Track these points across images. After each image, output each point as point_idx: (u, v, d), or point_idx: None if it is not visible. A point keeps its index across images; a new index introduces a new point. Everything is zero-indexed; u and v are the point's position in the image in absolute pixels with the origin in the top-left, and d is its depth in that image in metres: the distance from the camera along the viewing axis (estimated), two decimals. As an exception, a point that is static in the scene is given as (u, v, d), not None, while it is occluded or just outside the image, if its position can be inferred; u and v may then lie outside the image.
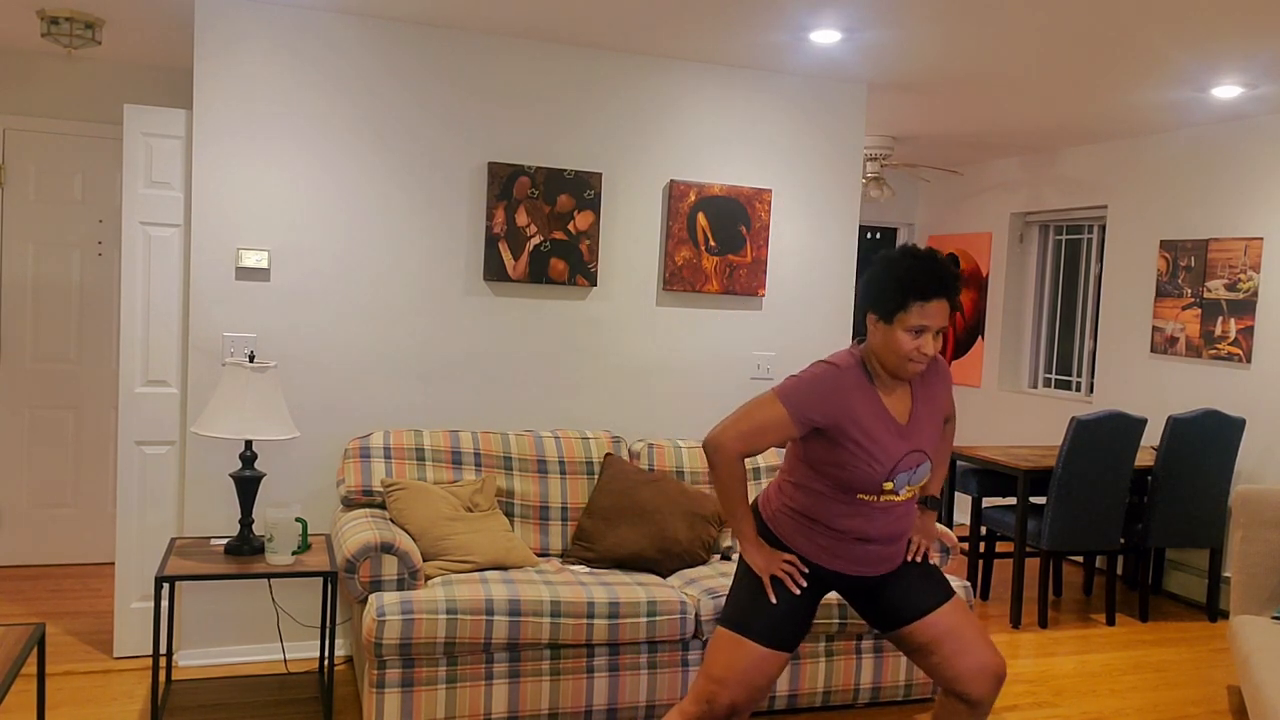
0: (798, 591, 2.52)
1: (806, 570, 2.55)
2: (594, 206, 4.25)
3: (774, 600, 2.52)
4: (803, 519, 2.54)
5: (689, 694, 2.55)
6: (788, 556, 2.55)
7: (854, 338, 4.68)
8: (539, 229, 4.19)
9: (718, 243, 4.45)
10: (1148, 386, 5.72)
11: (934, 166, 6.70)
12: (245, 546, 3.43)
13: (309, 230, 3.95)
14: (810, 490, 2.53)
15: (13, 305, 4.97)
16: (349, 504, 3.77)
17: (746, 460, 3.42)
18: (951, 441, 2.83)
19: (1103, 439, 4.72)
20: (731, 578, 3.62)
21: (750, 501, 2.67)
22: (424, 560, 3.50)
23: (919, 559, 2.63)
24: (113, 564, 5.16)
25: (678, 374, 4.49)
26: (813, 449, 2.49)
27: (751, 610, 2.52)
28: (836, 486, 2.48)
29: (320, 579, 3.79)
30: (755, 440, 2.44)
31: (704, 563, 3.86)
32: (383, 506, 3.76)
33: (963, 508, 7.05)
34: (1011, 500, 6.34)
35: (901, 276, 2.39)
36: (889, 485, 2.46)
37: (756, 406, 2.45)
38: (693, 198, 4.39)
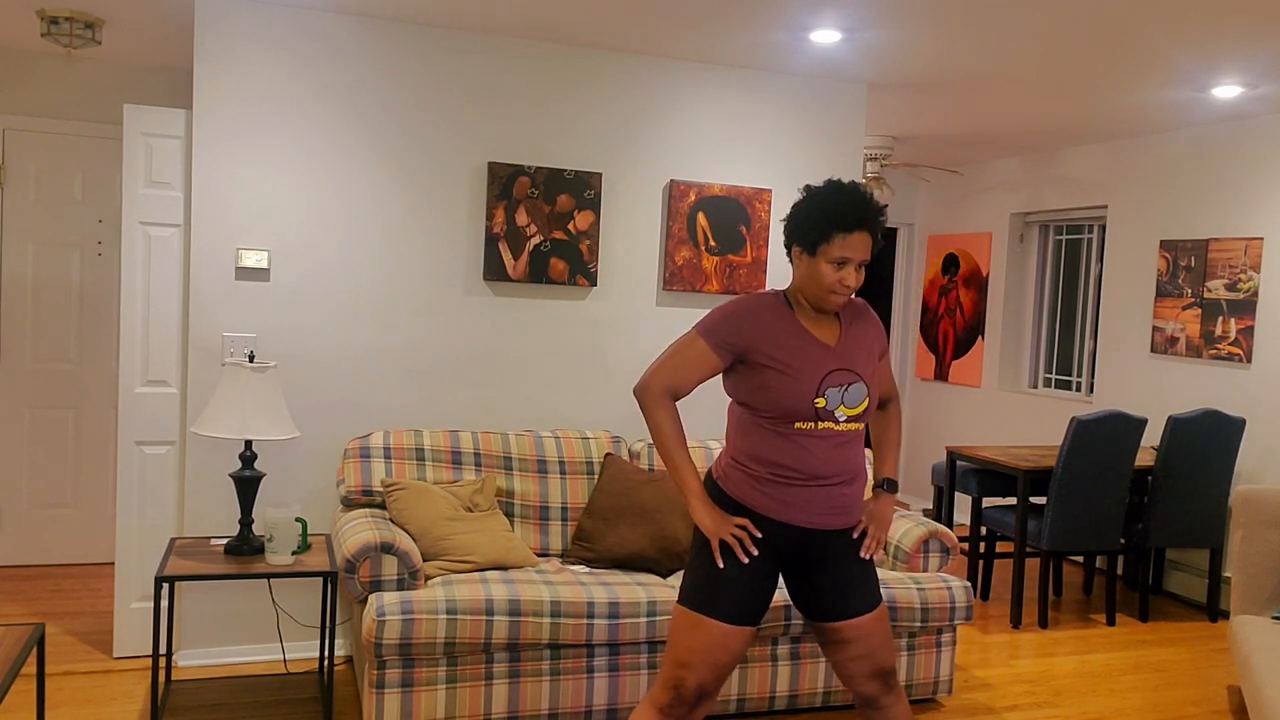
0: (745, 560, 2.46)
1: (759, 535, 2.49)
2: (594, 206, 4.25)
3: (720, 564, 2.48)
4: (750, 466, 2.49)
5: (657, 682, 2.53)
6: (739, 520, 2.49)
7: None
8: (539, 229, 4.19)
9: (718, 243, 4.45)
10: (1148, 386, 5.72)
11: (934, 166, 6.70)
12: (245, 546, 3.43)
13: (309, 230, 3.95)
14: (748, 429, 2.50)
15: (13, 305, 4.97)
16: (349, 504, 3.77)
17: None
18: (899, 422, 2.78)
19: (1103, 439, 4.72)
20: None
21: (696, 465, 2.66)
22: (424, 560, 3.50)
23: (868, 555, 2.59)
24: (113, 564, 5.16)
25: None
26: (739, 379, 2.50)
27: (709, 587, 2.48)
28: (770, 416, 2.45)
29: (320, 579, 3.79)
30: (679, 375, 2.50)
31: (704, 563, 3.86)
32: (383, 506, 3.76)
33: (963, 508, 7.05)
34: (1011, 500, 6.34)
35: (825, 208, 2.43)
36: (820, 402, 2.43)
37: (680, 344, 2.53)
38: (693, 198, 4.39)
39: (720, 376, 2.66)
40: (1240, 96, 4.69)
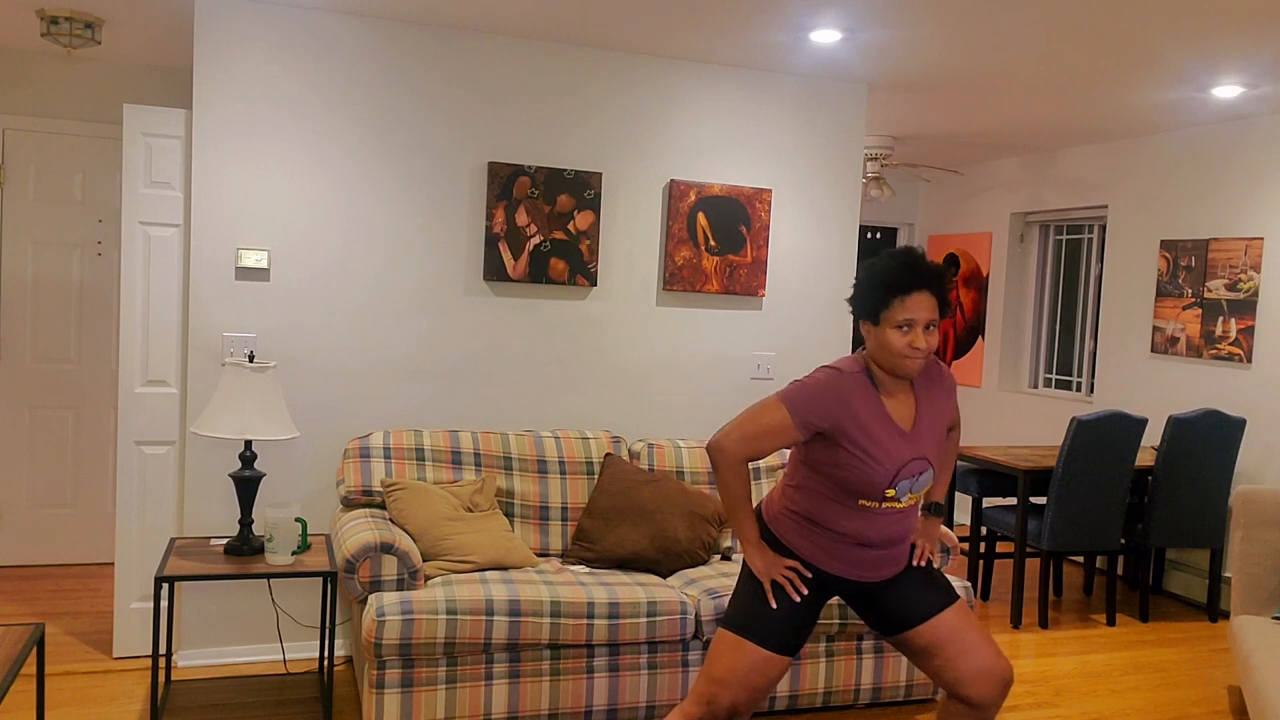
0: (797, 599, 2.52)
1: (809, 576, 2.55)
2: (594, 206, 4.25)
3: (774, 605, 2.53)
4: (803, 521, 2.55)
5: (690, 695, 2.56)
6: (789, 562, 2.55)
7: (855, 349, 4.67)
8: (539, 229, 4.19)
9: (718, 243, 4.45)
10: (1148, 386, 5.72)
11: (934, 166, 6.70)
12: (245, 546, 3.43)
13: (309, 230, 3.95)
14: (811, 493, 2.53)
15: (13, 305, 4.97)
16: (349, 504, 3.77)
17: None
18: (956, 448, 2.83)
19: (1103, 439, 4.72)
20: (731, 578, 3.62)
21: (754, 505, 2.67)
22: (424, 560, 3.50)
23: (922, 564, 2.64)
24: (113, 564, 5.16)
25: (678, 374, 4.49)
26: (815, 451, 2.50)
27: (754, 613, 2.53)
28: (838, 489, 2.48)
29: (320, 579, 3.79)
30: (759, 444, 2.46)
31: (704, 563, 3.86)
32: (383, 506, 3.76)
33: (963, 508, 7.05)
34: (1012, 500, 6.34)
35: (880, 276, 2.45)
36: (891, 492, 2.46)
37: (760, 410, 2.48)
38: (693, 198, 4.39)
39: (722, 372, 2.69)
40: (1240, 96, 4.69)
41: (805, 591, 2.53)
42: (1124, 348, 5.87)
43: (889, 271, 2.44)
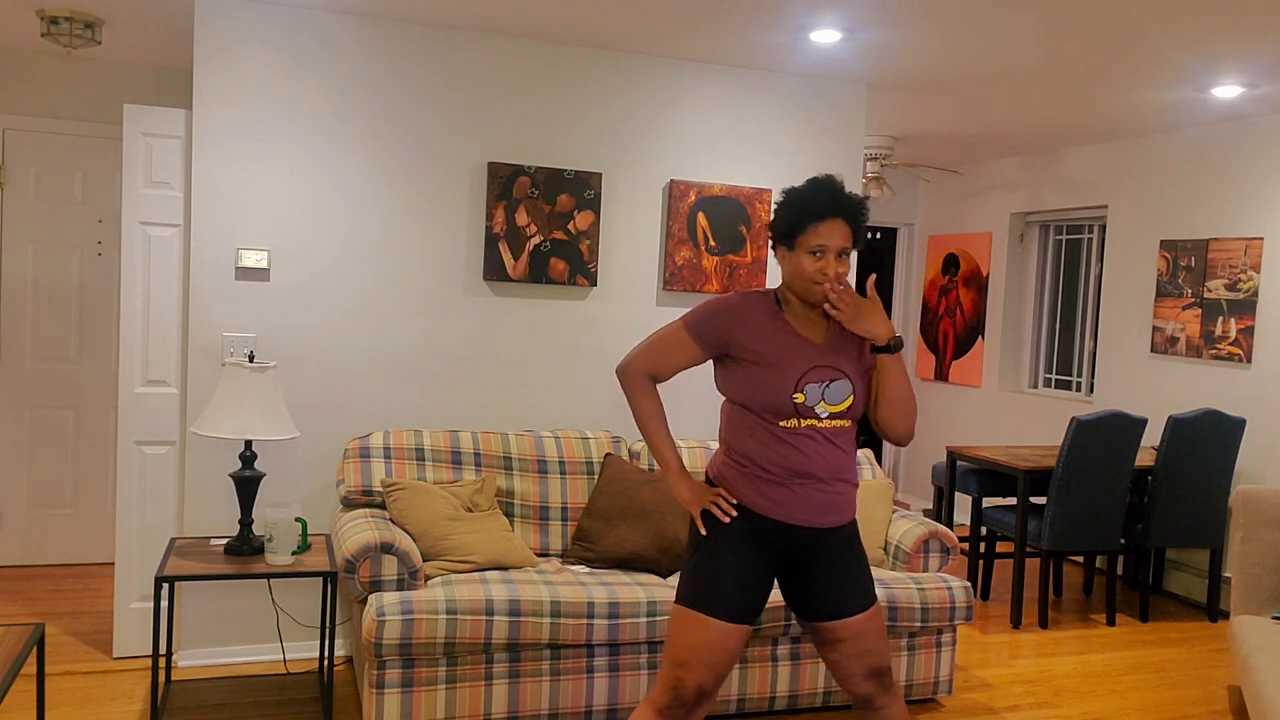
0: (726, 519, 2.50)
1: (735, 500, 2.53)
2: (594, 206, 4.25)
3: (703, 532, 2.52)
4: (740, 462, 2.53)
5: (656, 683, 2.54)
6: (716, 490, 2.54)
7: None
8: (539, 229, 4.19)
9: (718, 243, 4.45)
10: (1148, 386, 5.72)
11: (934, 166, 6.70)
12: (245, 546, 3.43)
13: (309, 230, 3.95)
14: (737, 427, 2.53)
15: (13, 305, 4.97)
16: (349, 504, 3.77)
17: None
18: (905, 374, 2.63)
19: (1103, 439, 4.72)
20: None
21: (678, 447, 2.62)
22: (424, 560, 3.50)
23: (832, 295, 2.46)
24: (113, 564, 5.16)
25: (677, 374, 4.48)
26: (725, 375, 2.55)
27: (706, 584, 2.50)
28: (752, 411, 2.49)
29: (320, 579, 3.79)
30: (660, 359, 2.58)
31: (704, 563, 3.86)
32: (383, 506, 3.76)
33: (963, 508, 7.05)
34: (1011, 500, 6.34)
35: (797, 201, 2.48)
36: (799, 398, 2.45)
37: (662, 330, 2.60)
38: (693, 198, 4.39)
39: (713, 375, 2.67)
40: (1240, 96, 4.69)
41: (734, 514, 2.51)
42: (1124, 348, 5.87)
43: (806, 197, 2.47)
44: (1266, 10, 3.42)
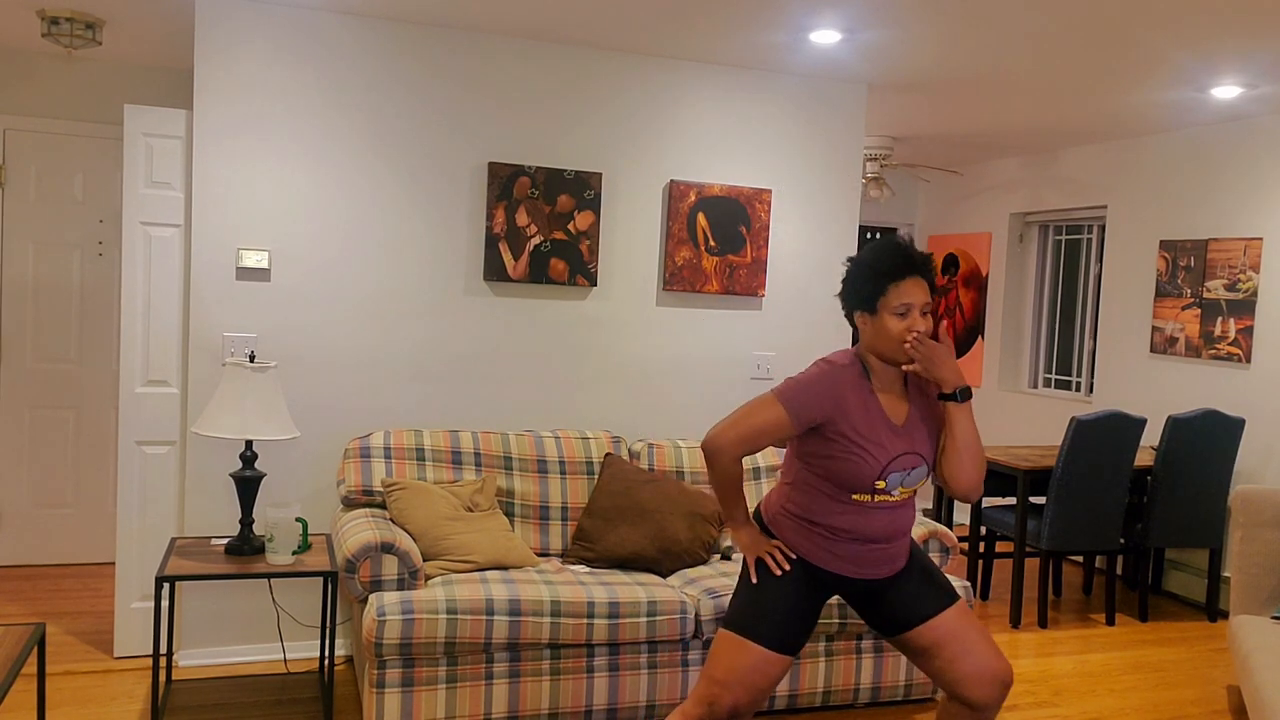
0: (779, 573, 2.52)
1: (794, 557, 2.56)
2: (594, 206, 4.25)
3: (754, 580, 2.54)
4: (801, 520, 2.55)
5: (691, 696, 2.56)
6: (775, 541, 2.57)
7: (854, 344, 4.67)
8: (539, 229, 4.19)
9: (718, 243, 4.45)
10: (1148, 386, 5.72)
11: (934, 166, 6.70)
12: (245, 546, 3.43)
13: (309, 230, 3.96)
14: (805, 488, 2.54)
15: (13, 305, 4.97)
16: (349, 504, 3.77)
17: (745, 459, 3.40)
18: (973, 424, 2.64)
19: (1103, 439, 4.72)
20: (731, 578, 3.63)
21: (752, 507, 2.66)
22: (424, 560, 3.50)
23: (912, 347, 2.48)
24: (113, 564, 5.16)
25: (678, 374, 4.49)
26: (807, 444, 2.52)
27: (755, 612, 2.53)
28: (830, 483, 2.49)
29: (320, 579, 3.79)
30: (754, 441, 2.49)
31: (704, 563, 3.87)
32: (383, 506, 3.76)
33: (963, 508, 7.05)
34: (1011, 500, 6.35)
35: (872, 265, 2.48)
36: (881, 484, 2.47)
37: (756, 408, 2.49)
38: (693, 198, 4.40)
39: (717, 378, 2.67)
40: (1240, 96, 4.69)
41: (788, 567, 2.53)
42: (1123, 348, 5.88)
43: (881, 260, 2.46)
44: (1266, 10, 3.42)
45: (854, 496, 2.49)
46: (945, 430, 2.51)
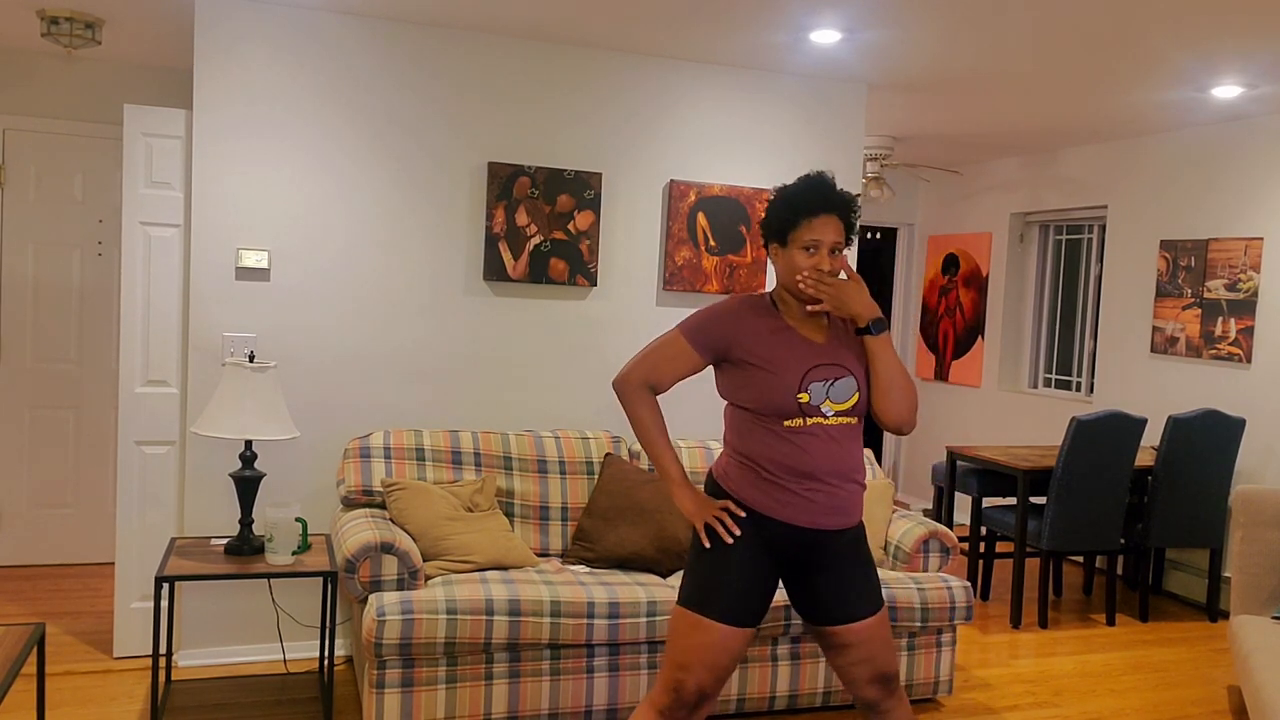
0: (729, 539, 2.47)
1: (743, 515, 2.49)
2: (594, 206, 4.25)
3: (707, 544, 2.49)
4: (746, 464, 2.51)
5: (656, 684, 2.52)
6: (721, 503, 2.51)
7: None
8: (539, 229, 4.19)
9: (718, 243, 4.45)
10: (1148, 386, 5.72)
11: (934, 166, 6.70)
12: (245, 546, 3.43)
13: (309, 230, 3.95)
14: (741, 427, 2.52)
15: (13, 305, 4.97)
16: (349, 504, 3.77)
17: None
18: (894, 357, 2.58)
19: (1103, 439, 4.72)
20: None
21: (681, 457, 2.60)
22: (424, 560, 3.50)
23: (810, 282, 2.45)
24: (113, 564, 5.16)
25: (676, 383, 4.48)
26: (727, 379, 2.53)
27: (709, 587, 2.47)
28: (759, 413, 2.47)
29: (320, 579, 3.79)
30: (658, 369, 2.54)
31: (704, 563, 3.86)
32: (383, 506, 3.76)
33: (963, 508, 7.05)
34: (1011, 500, 6.34)
35: (789, 197, 2.48)
36: (804, 397, 2.43)
37: (659, 341, 2.57)
38: (693, 198, 4.40)
39: (713, 378, 2.66)
40: (1240, 96, 4.69)
41: (738, 532, 2.48)
42: (1124, 348, 5.87)
43: (798, 193, 2.47)
44: (1266, 10, 3.42)
45: (786, 423, 2.45)
46: (870, 366, 2.49)
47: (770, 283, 4.59)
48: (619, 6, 3.68)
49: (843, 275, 2.47)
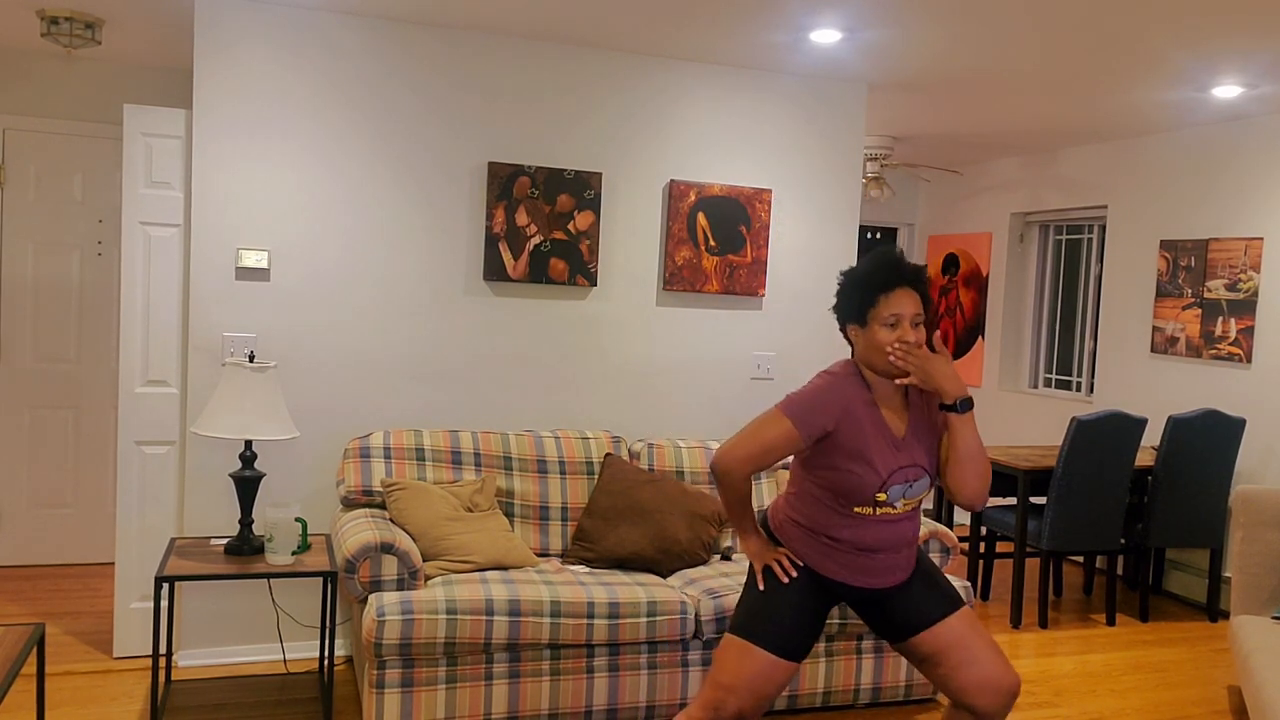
0: (786, 580, 2.53)
1: (801, 565, 2.57)
2: (594, 206, 4.25)
3: (761, 587, 2.55)
4: (805, 530, 2.56)
5: (696, 701, 2.56)
6: (782, 550, 2.59)
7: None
8: (539, 229, 4.19)
9: (718, 243, 4.45)
10: (1148, 386, 5.72)
11: (934, 166, 6.71)
12: (245, 546, 3.43)
13: (309, 230, 3.95)
14: (809, 498, 2.55)
15: (13, 305, 4.97)
16: (349, 504, 3.77)
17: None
18: (976, 434, 2.62)
19: (1103, 439, 4.72)
20: (731, 578, 3.62)
21: (757, 509, 2.66)
22: (424, 560, 3.50)
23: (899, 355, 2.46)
24: (113, 564, 5.16)
25: (678, 374, 4.49)
26: (811, 455, 2.52)
27: (761, 618, 2.54)
28: (832, 494, 2.49)
29: (320, 579, 3.79)
30: (763, 459, 2.48)
31: (704, 563, 3.86)
32: (383, 506, 3.76)
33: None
34: (1012, 500, 6.34)
35: (861, 277, 2.48)
36: (882, 496, 2.47)
37: (763, 424, 2.48)
38: (693, 198, 4.39)
39: (712, 374, 2.67)
40: (1240, 96, 4.69)
41: (794, 574, 2.54)
42: (1124, 348, 5.87)
43: (871, 271, 2.47)
44: (1266, 10, 3.42)
45: (856, 509, 2.49)
46: (948, 440, 2.49)
47: (771, 282, 4.59)
48: (619, 6, 3.68)
49: (934, 348, 2.45)
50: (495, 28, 4.03)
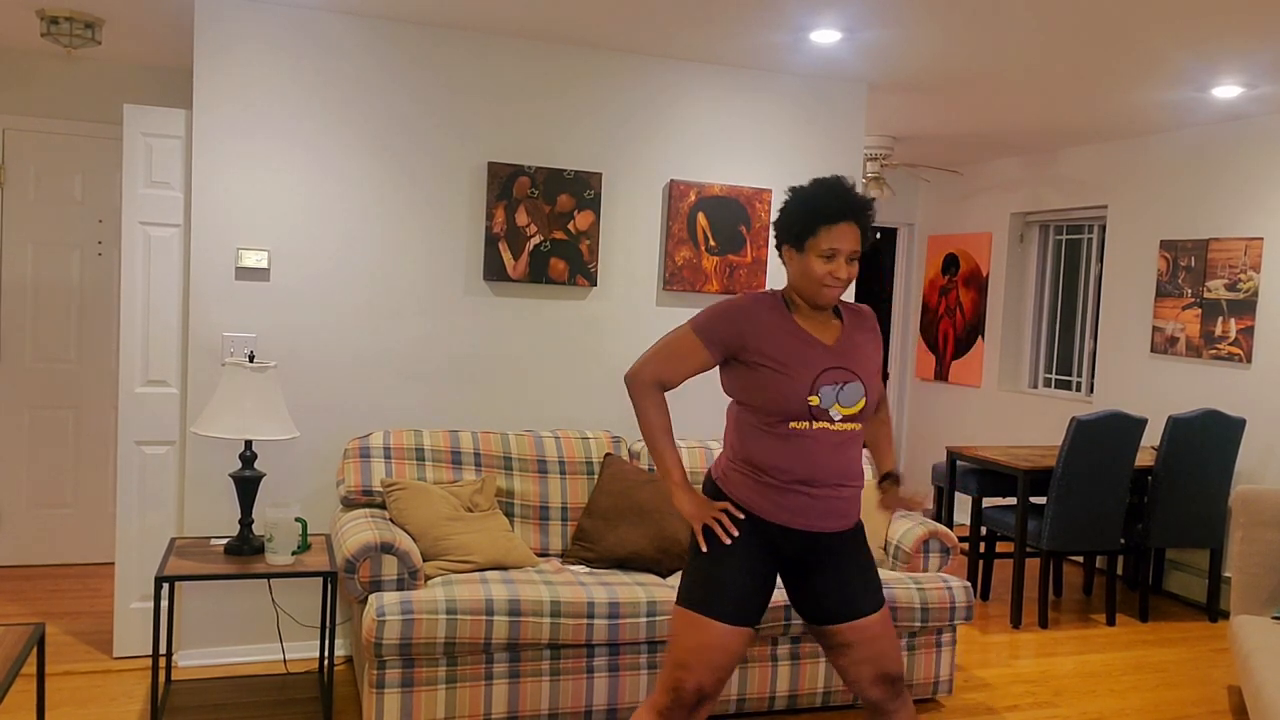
0: (728, 540, 2.46)
1: (741, 517, 2.49)
2: (594, 206, 4.25)
3: (704, 548, 2.49)
4: (747, 467, 2.50)
5: (657, 685, 2.51)
6: (720, 504, 2.51)
7: None
8: (539, 229, 4.19)
9: (718, 243, 4.45)
10: (1148, 386, 5.72)
11: (934, 166, 6.71)
12: (245, 546, 3.43)
13: (309, 230, 3.95)
14: (745, 429, 2.50)
15: (13, 305, 4.97)
16: (349, 504, 3.77)
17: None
18: (889, 419, 2.77)
19: (1103, 439, 4.72)
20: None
21: (683, 459, 2.61)
22: (424, 560, 3.50)
23: (889, 512, 2.71)
24: (113, 564, 5.16)
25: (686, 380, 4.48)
26: (735, 378, 2.50)
27: (709, 587, 2.47)
28: (765, 414, 2.45)
29: (320, 579, 3.79)
30: (669, 367, 2.52)
31: (704, 563, 3.86)
32: (383, 506, 3.76)
33: (963, 508, 7.05)
34: (1011, 500, 6.34)
35: (809, 202, 2.46)
36: (814, 400, 2.42)
37: (671, 336, 2.54)
38: (693, 198, 4.39)
39: (718, 376, 2.66)
40: (1240, 96, 4.69)
41: (736, 533, 2.47)
42: (1124, 348, 5.87)
43: (818, 198, 2.44)
44: (1266, 10, 3.42)
45: (792, 425, 2.44)
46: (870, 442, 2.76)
47: (771, 282, 4.59)
48: (619, 6, 3.68)
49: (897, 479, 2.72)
50: (495, 28, 4.03)
